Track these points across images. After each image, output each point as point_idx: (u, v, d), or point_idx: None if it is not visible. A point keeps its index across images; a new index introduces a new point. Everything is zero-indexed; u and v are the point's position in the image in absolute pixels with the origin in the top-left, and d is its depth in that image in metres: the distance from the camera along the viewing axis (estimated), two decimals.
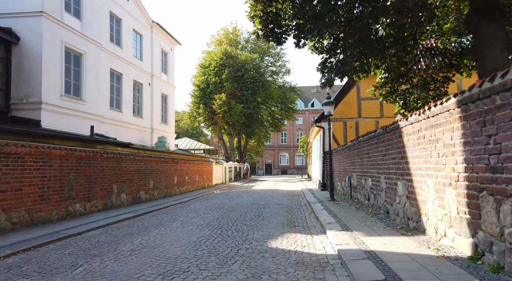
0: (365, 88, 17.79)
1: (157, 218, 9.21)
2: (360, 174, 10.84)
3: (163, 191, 15.63)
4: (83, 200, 9.52)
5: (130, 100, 20.69)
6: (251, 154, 53.25)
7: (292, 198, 15.36)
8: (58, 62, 14.50)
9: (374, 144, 8.81)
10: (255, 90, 38.56)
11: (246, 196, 16.12)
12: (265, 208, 11.38)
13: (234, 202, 13.48)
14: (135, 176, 12.86)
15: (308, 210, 10.70)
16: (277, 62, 45.90)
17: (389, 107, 17.48)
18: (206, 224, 7.98)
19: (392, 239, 5.49)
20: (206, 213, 10.01)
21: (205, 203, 13.34)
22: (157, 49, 24.03)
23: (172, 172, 16.91)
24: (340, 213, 8.97)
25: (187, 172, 19.23)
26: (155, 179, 14.75)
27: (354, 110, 17.98)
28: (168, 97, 25.79)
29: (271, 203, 13.04)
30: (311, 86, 73.24)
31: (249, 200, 14.25)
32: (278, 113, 45.47)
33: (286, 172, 67.61)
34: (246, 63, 39.18)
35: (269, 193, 18.37)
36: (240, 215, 9.48)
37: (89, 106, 16.42)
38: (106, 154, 10.77)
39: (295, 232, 7.01)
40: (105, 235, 6.85)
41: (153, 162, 14.59)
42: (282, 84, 45.66)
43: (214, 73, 38.56)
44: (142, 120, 22.10)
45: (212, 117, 38.29)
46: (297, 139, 67.47)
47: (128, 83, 20.36)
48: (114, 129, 18.77)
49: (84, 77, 16.15)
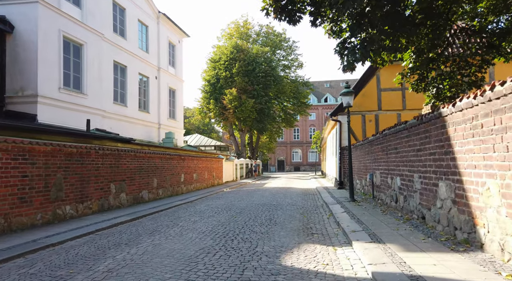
0: (385, 78, 16.44)
1: (156, 222, 8.17)
2: (385, 172, 9.59)
3: (169, 190, 14.63)
4: (74, 201, 8.54)
5: (136, 94, 19.76)
6: (263, 150, 52.13)
7: (307, 197, 14.17)
8: (56, 52, 13.58)
9: (405, 138, 7.56)
10: (267, 85, 37.35)
11: (257, 195, 15.01)
12: (277, 209, 10.24)
13: (244, 202, 12.38)
14: (137, 174, 11.87)
15: (326, 213, 9.52)
16: (289, 56, 44.56)
17: (412, 98, 16.09)
18: (209, 231, 6.89)
19: (441, 257, 4.28)
20: (211, 216, 8.92)
21: (212, 203, 12.28)
22: (164, 41, 23.03)
23: (178, 170, 15.91)
24: (364, 218, 7.76)
25: (195, 170, 18.22)
26: (160, 177, 13.76)
27: (373, 102, 16.64)
28: (176, 91, 24.82)
29: (284, 203, 11.89)
30: (324, 81, 71.56)
31: (260, 200, 13.14)
32: (291, 108, 44.18)
33: (299, 168, 66.29)
34: (257, 56, 37.98)
35: (282, 191, 17.22)
36: (249, 219, 8.36)
37: (90, 99, 15.51)
38: (102, 150, 9.78)
39: (313, 242, 5.86)
40: (88, 245, 5.81)
41: (157, 159, 13.59)
42: (295, 78, 44.34)
43: (224, 67, 37.49)
44: (149, 115, 21.17)
45: (222, 112, 37.27)
46: (310, 135, 66.03)
47: (133, 76, 19.42)
48: (119, 125, 17.87)
49: (85, 69, 15.23)
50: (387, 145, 9.12)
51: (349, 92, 11.50)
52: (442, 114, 5.51)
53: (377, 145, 10.36)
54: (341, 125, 17.07)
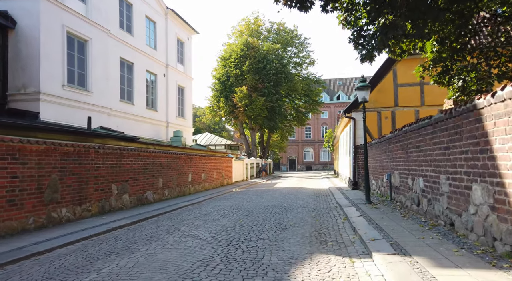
0: (403, 73, 15.59)
1: (156, 227, 7.60)
2: (404, 172, 8.84)
3: (175, 190, 14.11)
4: (72, 203, 8.05)
5: (143, 92, 19.33)
6: (274, 149, 51.43)
7: (319, 198, 13.47)
8: (59, 48, 13.18)
9: (429, 134, 6.82)
10: (278, 82, 36.62)
11: (267, 196, 14.36)
12: (288, 212, 9.58)
13: (253, 203, 11.75)
14: (141, 174, 11.36)
15: (341, 216, 8.82)
16: (300, 53, 43.70)
17: (431, 94, 15.22)
18: (212, 237, 6.28)
19: (483, 276, 3.58)
20: (216, 220, 8.32)
21: (220, 204, 11.69)
22: (172, 38, 22.56)
23: (186, 169, 15.37)
24: (383, 223, 7.05)
25: (203, 169, 17.68)
26: (166, 177, 13.24)
27: (389, 98, 15.80)
28: (185, 89, 24.33)
29: (295, 205, 11.22)
30: (336, 79, 70.42)
31: (270, 201, 12.49)
32: (302, 107, 43.37)
33: (311, 168, 65.39)
34: (268, 54, 37.28)
35: (293, 192, 16.54)
36: (256, 223, 7.73)
37: (96, 97, 15.09)
38: (103, 149, 9.27)
39: (327, 253, 5.19)
40: (77, 254, 5.26)
41: (163, 159, 13.07)
42: (306, 76, 43.50)
43: (234, 65, 36.90)
44: (157, 114, 20.73)
45: (233, 111, 36.71)
46: (322, 133, 65.04)
47: (140, 73, 18.98)
48: (125, 123, 17.45)
49: (90, 66, 14.81)
50: (408, 142, 8.37)
51: (365, 87, 10.76)
52: (477, 106, 4.77)
53: (396, 143, 9.60)
54: (355, 123, 16.29)
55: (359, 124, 16.25)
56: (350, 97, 65.42)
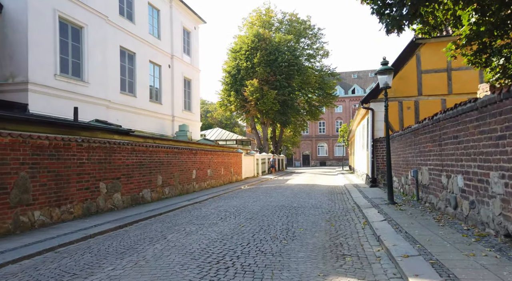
0: (427, 58, 14.07)
1: (141, 233, 6.47)
2: (436, 168, 7.48)
3: (177, 188, 13.02)
4: (48, 205, 6.99)
5: (146, 84, 18.28)
6: (287, 144, 50.07)
7: (334, 197, 12.16)
8: (51, 34, 12.18)
9: (473, 122, 5.46)
10: (290, 75, 35.20)
11: (277, 194, 13.14)
12: (298, 214, 8.34)
13: (259, 203, 10.55)
14: (136, 171, 10.27)
15: (360, 220, 7.53)
16: (314, 44, 42.02)
17: (460, 80, 13.68)
18: (201, 250, 5.10)
19: None
20: (213, 224, 7.15)
21: (223, 204, 10.53)
22: (177, 27, 21.42)
23: (189, 165, 14.27)
24: (414, 231, 5.74)
25: (209, 165, 16.56)
26: (165, 173, 12.15)
27: (412, 86, 14.31)
28: (191, 81, 23.22)
29: (307, 205, 9.96)
30: (351, 72, 68.38)
31: (279, 200, 11.26)
32: (316, 100, 41.81)
33: (325, 163, 63.78)
34: (280, 45, 35.89)
35: (306, 189, 15.26)
36: (260, 229, 6.52)
37: (93, 88, 14.09)
38: (88, 142, 8.19)
39: (346, 275, 3.94)
40: (25, 274, 4.15)
41: (163, 154, 11.97)
42: (320, 68, 41.87)
43: (245, 57, 35.66)
44: (161, 107, 19.68)
45: (243, 105, 35.53)
46: (336, 128, 63.30)
47: (143, 64, 17.93)
48: (127, 116, 16.44)
49: (86, 55, 13.80)
50: (441, 133, 7.00)
51: (387, 70, 9.36)
52: None
53: (424, 135, 8.23)
54: (374, 114, 14.87)
55: (378, 115, 14.84)
56: (365, 90, 63.38)
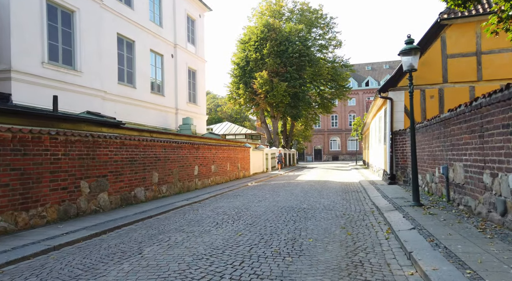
0: (454, 40, 12.59)
1: (116, 245, 5.38)
2: (475, 164, 6.16)
3: (176, 186, 11.94)
4: (12, 209, 5.95)
5: (147, 74, 17.21)
6: (298, 139, 48.68)
7: (349, 196, 10.90)
8: (37, 18, 11.15)
9: None
10: (301, 66, 33.76)
11: (285, 193, 11.94)
12: (307, 218, 7.14)
13: (264, 204, 9.37)
14: (127, 168, 9.20)
15: (382, 227, 6.29)
16: (326, 34, 40.34)
17: (492, 65, 12.18)
18: (177, 274, 3.95)
19: None
20: (205, 232, 6.00)
21: (223, 205, 9.39)
22: (181, 15, 20.26)
23: (191, 161, 13.17)
24: (456, 245, 4.46)
25: (213, 160, 15.44)
26: (163, 170, 11.07)
27: (436, 72, 12.86)
28: (197, 72, 22.08)
29: (319, 206, 8.74)
30: (365, 64, 66.31)
31: (287, 200, 10.06)
32: (328, 93, 40.26)
33: (338, 158, 62.19)
34: (291, 35, 34.42)
35: (317, 187, 14.02)
36: (260, 240, 5.35)
37: (86, 78, 13.06)
38: (65, 135, 7.13)
39: None
40: None
41: (159, 148, 10.88)
42: (333, 59, 40.24)
43: (254, 48, 34.32)
44: (164, 99, 18.61)
45: (253, 98, 34.27)
46: (349, 122, 61.54)
47: (143, 53, 16.85)
48: (125, 109, 15.42)
49: (78, 41, 12.76)
50: (484, 122, 5.68)
51: (413, 49, 7.99)
52: None
53: (458, 124, 6.91)
54: (393, 104, 13.48)
55: (397, 105, 13.46)
56: (380, 82, 61.36)
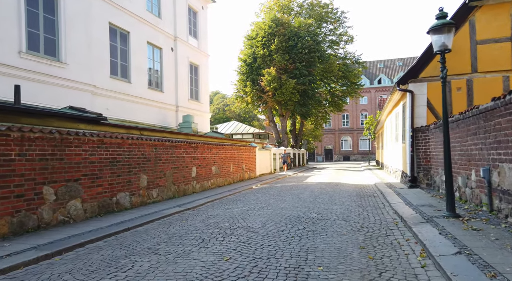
0: (485, 24, 11.02)
1: (66, 272, 4.09)
2: None
3: (170, 190, 10.65)
4: None
5: (144, 68, 15.99)
6: (308, 138, 47.12)
7: (365, 202, 9.45)
8: (13, 2, 9.99)
9: None
10: (311, 62, 32.25)
11: (292, 198, 10.55)
12: (316, 234, 5.76)
13: (266, 212, 8.00)
14: (106, 170, 7.94)
15: (413, 247, 4.86)
16: (337, 30, 38.72)
17: None
18: None
19: None
20: (181, 256, 4.66)
21: (218, 214, 8.05)
22: (182, 6, 19.00)
23: (187, 161, 11.89)
24: None
25: (214, 161, 14.14)
26: (153, 172, 9.79)
27: (464, 61, 11.32)
28: (199, 67, 20.82)
29: (330, 216, 7.34)
30: (377, 61, 64.37)
31: (293, 206, 8.68)
32: (339, 90, 38.63)
33: (349, 158, 60.39)
34: (300, 30, 32.95)
35: (328, 190, 12.59)
36: (251, 270, 3.98)
37: (72, 70, 11.89)
38: (19, 131, 5.87)
39: None
40: None
41: (148, 147, 9.61)
42: (344, 55, 38.63)
43: (262, 44, 32.96)
44: (163, 95, 17.38)
45: (260, 96, 32.90)
46: (361, 121, 59.72)
47: (139, 45, 15.63)
48: (119, 105, 14.22)
49: (63, 30, 11.58)
50: None
51: (446, 25, 6.51)
52: None
53: (506, 117, 5.44)
54: (414, 97, 11.97)
55: (419, 99, 11.95)
56: (392, 80, 59.40)
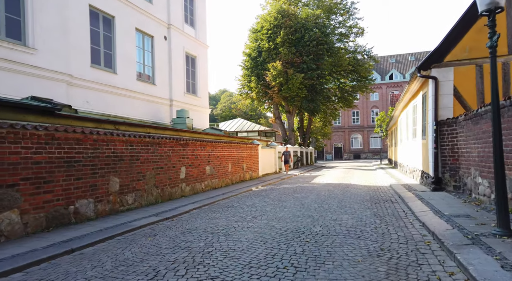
0: None
1: None
2: None
3: (151, 194, 9.09)
4: None
5: (132, 58, 14.46)
6: (316, 136, 45.25)
7: (382, 210, 7.73)
8: None
9: None
10: (319, 55, 30.44)
11: (293, 203, 8.89)
12: (319, 262, 4.11)
13: (258, 224, 6.36)
14: (59, 172, 6.38)
15: None
16: (346, 22, 36.70)
17: None
18: None
19: None
20: None
21: (197, 227, 6.44)
22: None
23: (174, 161, 10.32)
24: None
25: (208, 160, 12.55)
26: (128, 174, 8.23)
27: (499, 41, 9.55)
28: (197, 59, 19.24)
29: (339, 231, 5.67)
30: (388, 56, 62.08)
31: (293, 216, 7.02)
32: (349, 86, 36.68)
33: (359, 156, 58.32)
34: (307, 21, 31.17)
35: (337, 193, 10.89)
36: None
37: (43, 57, 10.40)
38: None
39: None
40: None
41: (121, 144, 8.06)
42: (354, 48, 36.63)
43: (267, 37, 31.31)
44: (155, 88, 15.85)
45: (266, 91, 31.23)
46: (372, 118, 57.58)
47: (126, 32, 14.10)
48: (103, 98, 12.72)
49: (30, 11, 10.09)
50: None
51: None
52: None
53: None
54: (438, 85, 10.18)
55: (444, 86, 10.17)
56: (405, 75, 57.12)
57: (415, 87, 13.08)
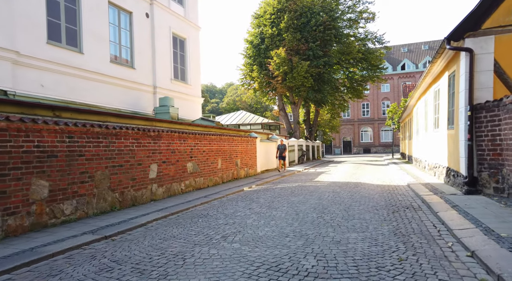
0: None
1: None
2: None
3: (104, 200, 7.07)
4: None
5: (104, 36, 12.40)
6: (324, 129, 42.90)
7: (403, 223, 5.55)
8: None
9: None
10: (326, 41, 28.11)
11: (284, 212, 6.78)
12: None
13: (223, 253, 4.26)
14: None
15: None
16: (356, 6, 34.01)
17: None
18: None
19: None
20: None
21: (133, 256, 4.38)
22: None
23: (141, 157, 8.29)
24: None
25: (191, 155, 10.51)
26: (62, 175, 6.21)
27: None
28: (186, 41, 17.12)
29: (342, 268, 3.51)
30: (400, 45, 59.13)
31: (279, 236, 4.91)
32: (359, 75, 34.15)
33: (369, 150, 55.79)
34: (313, 5, 28.79)
35: (343, 196, 8.73)
36: None
37: None
38: None
39: None
40: None
41: (51, 136, 6.03)
42: (364, 35, 33.99)
43: (270, 22, 29.08)
44: (134, 73, 13.80)
45: (269, 81, 29.02)
46: (383, 110, 54.90)
47: (96, 5, 12.04)
48: (64, 82, 10.73)
49: None
50: None
51: None
52: None
53: None
54: (473, 59, 7.91)
55: (481, 61, 7.91)
56: (418, 65, 54.22)
57: (438, 68, 10.81)
